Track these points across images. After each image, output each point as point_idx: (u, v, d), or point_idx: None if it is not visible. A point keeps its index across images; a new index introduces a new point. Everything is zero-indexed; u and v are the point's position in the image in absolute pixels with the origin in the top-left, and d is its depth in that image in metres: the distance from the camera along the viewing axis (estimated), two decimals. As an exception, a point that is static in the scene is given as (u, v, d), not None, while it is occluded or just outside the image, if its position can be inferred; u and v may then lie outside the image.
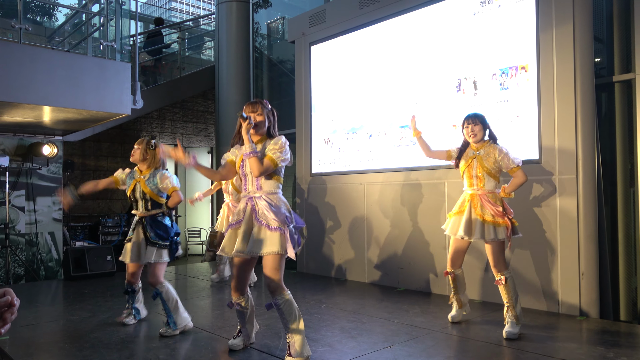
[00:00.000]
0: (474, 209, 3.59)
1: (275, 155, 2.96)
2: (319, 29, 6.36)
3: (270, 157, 2.95)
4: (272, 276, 2.91)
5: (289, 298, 2.95)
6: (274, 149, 2.97)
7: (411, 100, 5.28)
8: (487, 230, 3.51)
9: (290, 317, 2.92)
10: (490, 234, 3.50)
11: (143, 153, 3.87)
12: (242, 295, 3.14)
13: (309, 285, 5.55)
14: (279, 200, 3.01)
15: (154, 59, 9.50)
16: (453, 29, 4.96)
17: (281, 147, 2.98)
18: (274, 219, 2.89)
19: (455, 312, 3.91)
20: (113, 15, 5.68)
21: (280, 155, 2.96)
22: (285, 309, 2.92)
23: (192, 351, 3.27)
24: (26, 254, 6.59)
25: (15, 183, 6.52)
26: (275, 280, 2.91)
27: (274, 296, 2.93)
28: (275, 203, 2.97)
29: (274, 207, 2.94)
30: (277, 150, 2.97)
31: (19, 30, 5.05)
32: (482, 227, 3.52)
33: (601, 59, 4.57)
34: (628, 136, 4.28)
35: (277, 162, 2.96)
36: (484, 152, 3.63)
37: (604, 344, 3.31)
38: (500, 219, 3.50)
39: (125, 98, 5.47)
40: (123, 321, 3.92)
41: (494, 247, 3.55)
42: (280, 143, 2.99)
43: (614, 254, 4.30)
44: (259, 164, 2.92)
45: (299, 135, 6.60)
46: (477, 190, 3.63)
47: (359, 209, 5.79)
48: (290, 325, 2.91)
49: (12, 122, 5.91)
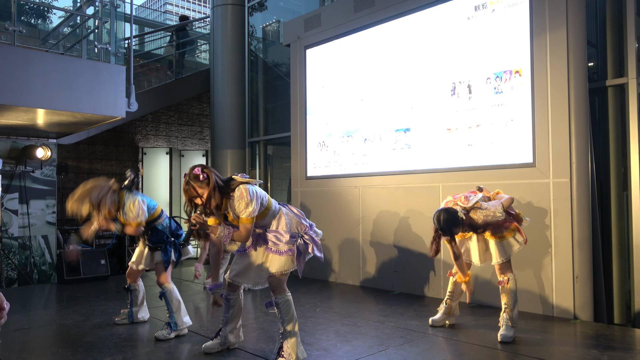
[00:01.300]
0: (482, 235, 3.60)
1: (245, 215, 2.87)
2: (314, 32, 6.37)
3: (242, 220, 2.89)
4: (278, 275, 2.99)
5: (289, 299, 3.00)
6: (239, 208, 2.88)
7: (406, 103, 5.29)
8: (507, 245, 3.51)
9: (287, 316, 2.96)
10: (510, 247, 3.51)
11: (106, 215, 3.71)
12: (234, 292, 3.21)
13: (304, 289, 5.54)
14: (280, 224, 3.04)
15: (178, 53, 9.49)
16: (448, 33, 4.99)
17: (242, 200, 2.85)
18: (283, 245, 2.99)
19: (439, 316, 3.87)
20: (108, 17, 5.67)
21: (247, 210, 2.87)
22: (284, 308, 2.96)
23: (186, 355, 3.25)
24: (19, 258, 6.54)
25: (8, 186, 6.48)
26: (279, 279, 3.00)
27: (275, 294, 2.98)
28: (276, 230, 3.02)
29: (280, 234, 3.00)
30: (242, 208, 2.87)
31: (12, 32, 5.02)
32: (501, 246, 3.51)
33: (594, 63, 4.61)
34: (621, 140, 4.31)
35: (251, 220, 2.89)
36: (468, 229, 3.50)
37: (597, 347, 3.32)
38: (510, 225, 3.52)
39: (119, 101, 5.45)
40: (115, 320, 4.07)
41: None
42: (239, 197, 2.86)
43: (607, 257, 4.32)
44: (239, 236, 2.93)
45: (294, 138, 6.60)
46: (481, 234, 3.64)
47: (354, 212, 5.80)
48: (286, 326, 2.95)
49: (5, 125, 5.88)
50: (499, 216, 3.39)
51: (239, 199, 2.86)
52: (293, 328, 2.96)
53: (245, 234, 2.91)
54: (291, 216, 3.10)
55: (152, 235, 3.81)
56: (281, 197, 8.68)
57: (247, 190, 2.87)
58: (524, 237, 3.54)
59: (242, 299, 3.28)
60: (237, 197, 2.87)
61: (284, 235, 2.99)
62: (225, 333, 3.25)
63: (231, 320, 3.25)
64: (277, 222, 3.05)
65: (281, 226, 3.02)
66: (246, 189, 2.88)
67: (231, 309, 3.22)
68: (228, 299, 3.21)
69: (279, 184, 8.72)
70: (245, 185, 2.90)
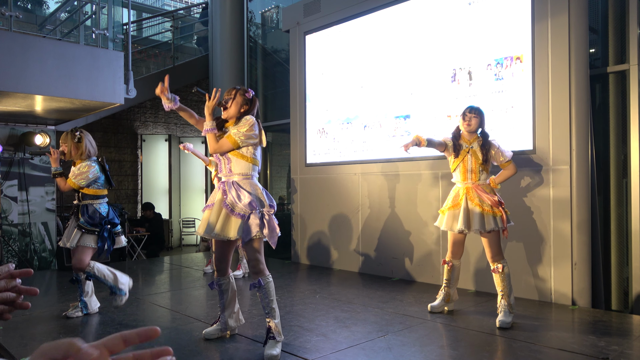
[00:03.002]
0: (470, 201, 3.60)
1: (236, 135, 2.93)
2: (313, 18, 6.31)
3: (229, 136, 2.95)
4: (251, 258, 3.01)
5: (269, 281, 3.02)
6: (237, 128, 2.95)
7: (406, 90, 5.27)
8: (486, 220, 3.52)
9: (270, 297, 3.00)
10: (490, 223, 3.51)
11: (70, 149, 3.82)
12: (223, 276, 3.22)
13: (303, 275, 5.57)
14: (250, 185, 3.00)
15: None
16: (448, 18, 4.94)
17: (244, 126, 2.94)
18: (239, 205, 2.93)
19: (438, 302, 3.89)
20: (105, 3, 5.61)
21: (240, 135, 2.93)
22: (268, 289, 3.00)
23: (187, 341, 3.27)
24: (19, 245, 6.56)
25: (8, 173, 6.47)
26: (254, 262, 3.01)
27: (256, 277, 3.01)
28: (244, 188, 2.97)
29: (241, 193, 2.94)
30: (239, 129, 2.94)
31: (9, 18, 4.98)
32: (481, 218, 3.53)
33: (595, 49, 4.58)
34: (621, 127, 4.30)
35: (236, 141, 2.94)
36: (476, 145, 3.66)
37: (595, 333, 3.35)
38: (497, 208, 3.53)
39: (118, 87, 5.42)
40: (67, 314, 3.83)
41: (492, 237, 3.57)
42: (244, 122, 2.96)
43: (606, 244, 4.34)
44: (214, 140, 2.96)
45: (294, 125, 6.58)
46: (471, 183, 3.64)
47: (353, 199, 5.80)
48: (272, 306, 2.99)
49: (3, 112, 5.85)
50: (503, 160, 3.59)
51: (246, 121, 2.97)
52: (276, 309, 3.02)
53: (217, 145, 2.95)
54: (261, 191, 3.04)
55: (89, 217, 3.74)
56: (280, 184, 8.68)
57: (257, 125, 3.00)
58: (506, 230, 3.56)
59: (234, 282, 3.30)
60: (245, 119, 2.98)
61: (243, 189, 2.96)
62: (225, 319, 3.27)
63: (228, 305, 3.27)
64: (247, 180, 3.01)
65: (246, 182, 3.00)
66: (257, 124, 3.01)
67: (225, 293, 3.24)
68: (220, 284, 3.23)
69: (278, 170, 8.72)
70: (258, 123, 3.03)
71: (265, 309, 3.00)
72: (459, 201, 3.66)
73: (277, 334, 2.97)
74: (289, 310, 4.00)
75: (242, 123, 2.97)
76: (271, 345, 2.94)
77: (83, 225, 3.73)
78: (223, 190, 3.01)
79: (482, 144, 3.66)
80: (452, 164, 3.75)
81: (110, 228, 3.78)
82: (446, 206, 3.75)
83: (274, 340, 2.95)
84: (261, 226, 2.94)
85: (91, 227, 3.74)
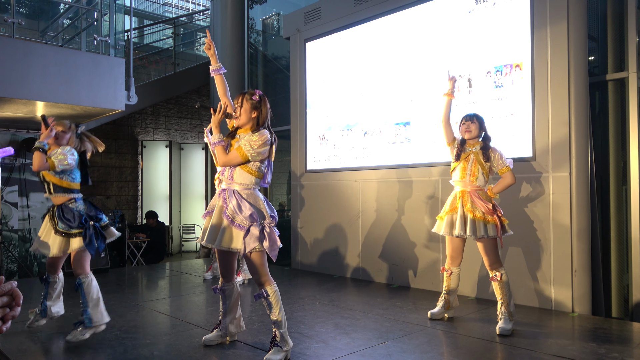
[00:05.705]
0: (464, 205, 3.61)
1: (246, 148, 2.91)
2: (314, 25, 6.35)
3: (240, 149, 2.92)
4: (254, 272, 2.99)
5: (275, 291, 2.99)
6: (248, 142, 2.92)
7: (406, 97, 5.29)
8: (477, 227, 3.53)
9: (276, 308, 2.96)
10: (480, 230, 3.51)
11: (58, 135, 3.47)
12: (228, 282, 3.22)
13: (303, 282, 5.56)
14: (251, 196, 2.97)
15: None
16: (448, 26, 4.97)
17: (258, 141, 2.91)
18: (239, 216, 2.90)
19: (438, 309, 3.89)
20: (107, 10, 5.65)
21: (250, 149, 2.91)
22: (273, 299, 2.97)
23: (186, 347, 3.27)
24: (19, 250, 6.56)
25: (8, 179, 6.48)
26: (257, 275, 2.98)
27: (260, 289, 2.99)
28: (246, 199, 2.94)
29: (242, 204, 2.92)
30: (252, 144, 2.91)
31: (11, 24, 5.01)
32: (472, 224, 3.54)
33: (595, 57, 4.60)
34: (621, 134, 4.31)
35: (247, 155, 2.91)
36: (478, 148, 3.69)
37: (595, 341, 3.34)
38: (490, 216, 3.52)
39: (119, 94, 5.45)
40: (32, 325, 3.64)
41: (486, 245, 3.57)
42: (258, 137, 2.92)
43: (605, 251, 4.34)
44: (223, 153, 2.94)
45: (294, 131, 6.60)
46: (467, 185, 3.65)
47: (353, 205, 5.81)
48: (276, 317, 2.96)
49: (5, 118, 5.88)
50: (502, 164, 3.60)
51: (260, 136, 2.93)
52: (283, 319, 2.98)
53: (225, 158, 2.93)
54: (263, 202, 3.01)
55: (67, 220, 3.36)
56: (281, 190, 8.69)
57: (269, 140, 2.97)
58: (501, 239, 3.57)
59: (239, 289, 3.29)
60: (260, 133, 2.94)
61: (244, 200, 2.93)
62: (225, 324, 3.27)
63: (230, 311, 3.26)
64: (248, 191, 2.98)
65: (247, 193, 2.97)
66: (270, 139, 2.98)
67: (228, 299, 3.23)
68: (224, 289, 3.22)
69: (278, 177, 8.73)
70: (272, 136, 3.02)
71: (271, 319, 2.99)
72: (456, 205, 3.67)
73: (284, 343, 2.95)
74: (288, 317, 3.99)
75: (256, 138, 2.92)
76: (274, 352, 2.92)
77: (63, 230, 3.37)
78: (223, 199, 2.99)
79: (484, 147, 3.67)
80: (452, 164, 3.77)
81: (94, 224, 3.42)
82: (444, 211, 3.75)
83: (279, 347, 2.94)
84: (261, 239, 2.90)
85: (74, 229, 3.37)
